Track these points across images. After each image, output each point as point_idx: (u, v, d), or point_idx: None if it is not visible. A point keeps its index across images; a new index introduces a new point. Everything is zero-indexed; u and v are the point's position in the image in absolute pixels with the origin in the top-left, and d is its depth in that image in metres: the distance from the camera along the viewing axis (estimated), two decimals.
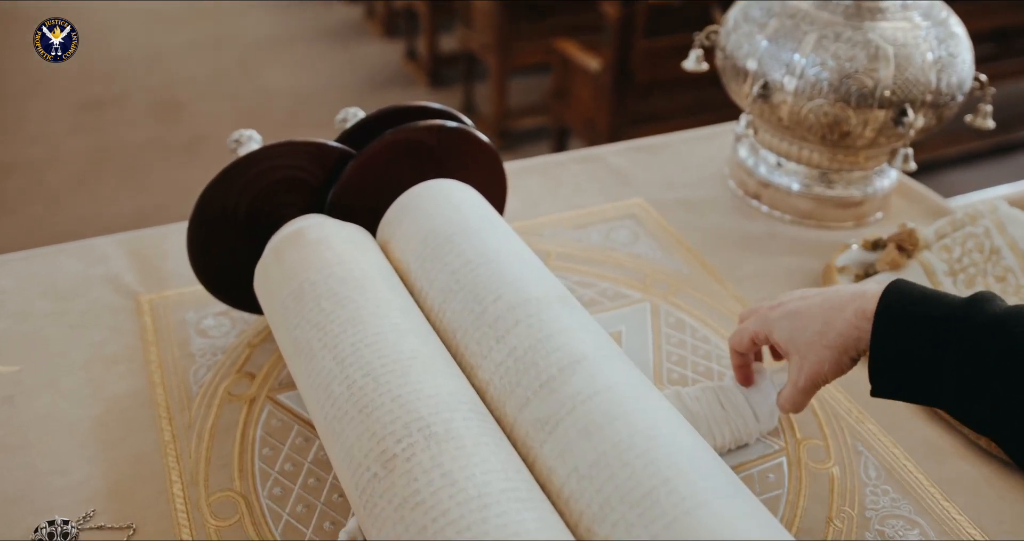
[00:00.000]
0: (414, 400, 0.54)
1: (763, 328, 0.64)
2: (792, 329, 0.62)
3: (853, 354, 0.60)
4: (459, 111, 0.77)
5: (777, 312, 0.63)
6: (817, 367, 0.60)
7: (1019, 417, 0.52)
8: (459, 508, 0.48)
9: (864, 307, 0.58)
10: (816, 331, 0.60)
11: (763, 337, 0.64)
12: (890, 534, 0.63)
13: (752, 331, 0.65)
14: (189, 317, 0.81)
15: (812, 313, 0.61)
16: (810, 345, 0.60)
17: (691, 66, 0.99)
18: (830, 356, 0.60)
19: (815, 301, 0.61)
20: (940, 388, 0.55)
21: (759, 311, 0.65)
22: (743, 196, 1.01)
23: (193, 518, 0.63)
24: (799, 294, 0.64)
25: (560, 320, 0.59)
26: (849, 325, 0.59)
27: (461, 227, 0.67)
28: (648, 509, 0.47)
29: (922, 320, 0.55)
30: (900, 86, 0.83)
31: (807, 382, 0.61)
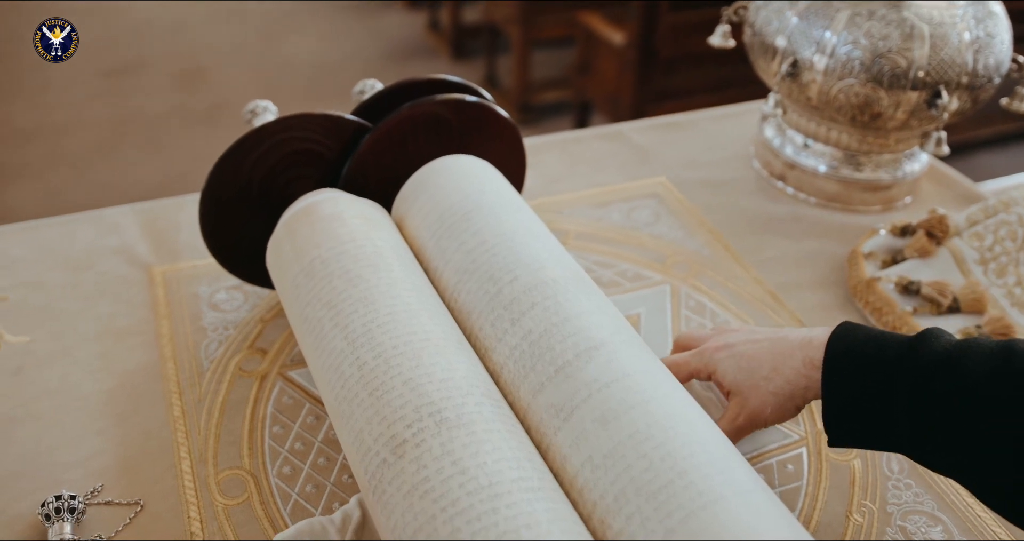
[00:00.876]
0: (425, 383, 0.52)
1: (706, 367, 0.62)
2: (737, 370, 0.60)
3: (799, 402, 0.59)
4: (480, 84, 0.75)
5: (723, 353, 0.61)
6: (759, 409, 0.59)
7: (975, 456, 0.50)
8: (469, 497, 0.46)
9: (812, 356, 0.57)
10: (763, 376, 0.59)
11: (705, 376, 0.63)
12: (912, 530, 0.61)
13: (693, 368, 0.63)
14: (202, 291, 0.80)
15: (760, 357, 0.59)
16: (754, 389, 0.59)
17: (717, 42, 0.96)
18: (774, 402, 0.59)
19: (763, 346, 0.60)
20: (896, 432, 0.53)
21: (703, 349, 0.63)
22: (768, 177, 0.98)
23: (201, 496, 0.62)
24: (746, 335, 0.62)
25: (577, 303, 0.57)
26: (797, 373, 0.57)
27: (478, 205, 0.65)
28: (664, 502, 0.46)
29: (871, 365, 0.54)
30: (935, 67, 0.81)
31: (745, 422, 0.60)
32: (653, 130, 1.08)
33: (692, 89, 2.48)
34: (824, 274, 0.84)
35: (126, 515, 0.61)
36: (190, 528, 0.60)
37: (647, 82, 2.44)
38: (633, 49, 2.37)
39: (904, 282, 0.77)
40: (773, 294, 0.81)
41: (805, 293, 0.82)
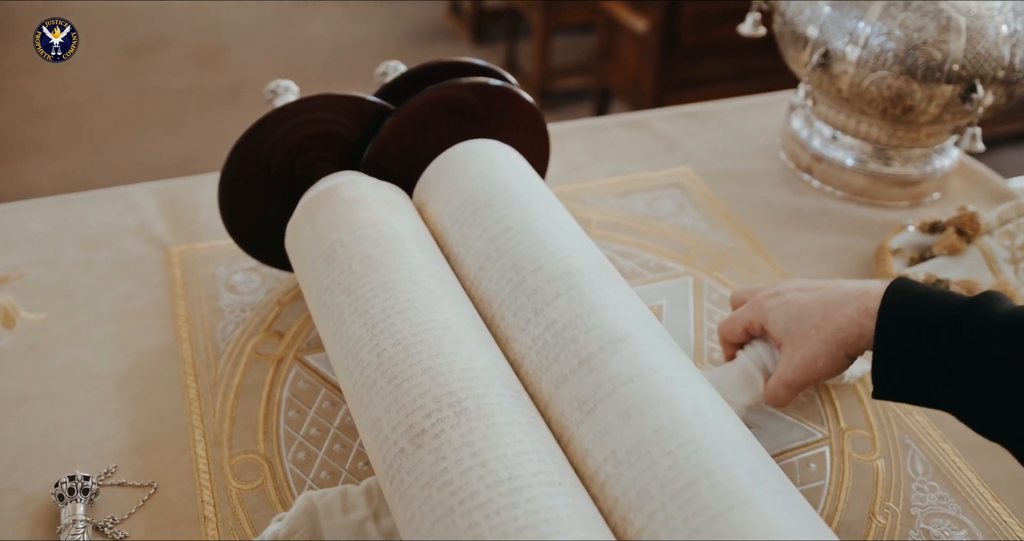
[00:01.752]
0: (445, 373, 0.51)
1: (758, 317, 0.61)
2: (788, 319, 0.59)
3: (851, 351, 0.57)
4: (501, 68, 0.74)
5: (774, 301, 0.60)
6: (810, 361, 0.58)
7: None
8: (488, 491, 0.45)
9: (868, 305, 0.56)
10: (814, 324, 0.58)
11: (758, 326, 0.62)
12: (935, 534, 0.60)
13: (746, 320, 0.62)
14: (219, 272, 0.79)
15: (811, 305, 0.58)
16: (805, 337, 0.58)
17: (747, 30, 0.95)
18: (826, 350, 0.57)
19: (815, 294, 0.59)
20: (947, 391, 0.53)
21: (754, 299, 0.62)
22: (794, 169, 0.97)
23: (215, 480, 0.61)
24: (797, 284, 0.61)
25: (602, 295, 0.56)
26: (851, 321, 0.56)
27: (502, 191, 0.64)
28: (689, 501, 0.45)
29: (928, 319, 0.53)
30: (971, 60, 0.79)
31: (796, 375, 0.58)
32: (677, 119, 1.06)
33: (713, 78, 2.46)
34: (849, 269, 0.83)
35: (139, 497, 0.60)
36: (203, 512, 0.59)
37: (669, 70, 2.42)
38: (655, 36, 2.34)
39: (932, 280, 0.76)
40: None
41: None
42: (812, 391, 0.70)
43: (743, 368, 0.62)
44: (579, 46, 3.15)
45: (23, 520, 0.58)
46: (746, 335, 0.63)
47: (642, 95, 2.44)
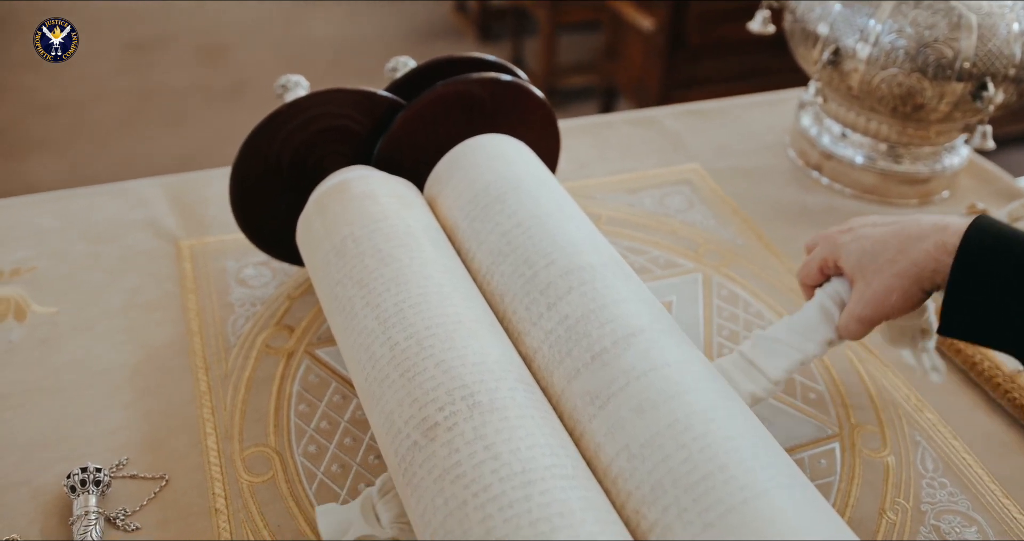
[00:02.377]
0: (458, 366, 0.51)
1: (831, 253, 0.60)
2: (862, 253, 0.58)
3: (927, 286, 0.56)
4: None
5: (847, 236, 0.60)
6: (883, 296, 0.57)
7: None
8: (501, 484, 0.45)
9: (946, 240, 0.55)
10: (888, 259, 0.57)
11: (831, 263, 0.61)
12: (946, 530, 0.60)
13: (820, 259, 0.61)
14: (229, 265, 0.79)
15: (886, 240, 0.57)
16: (879, 272, 0.57)
17: (757, 28, 0.95)
18: (899, 285, 0.56)
19: (891, 229, 0.58)
20: (1016, 333, 0.52)
21: (827, 236, 0.62)
22: (803, 167, 0.97)
23: (226, 472, 0.61)
24: (872, 220, 0.61)
25: (615, 290, 0.56)
26: (927, 256, 0.55)
27: (514, 185, 0.64)
28: (703, 495, 0.45)
29: (1008, 259, 0.52)
30: (982, 58, 0.79)
31: (868, 309, 0.58)
32: (686, 116, 1.06)
33: (719, 77, 2.46)
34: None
35: (151, 489, 0.60)
36: (214, 504, 0.59)
37: (674, 69, 2.41)
38: (661, 35, 2.34)
39: None
40: None
41: None
42: (822, 388, 0.70)
43: (820, 306, 0.62)
44: (585, 44, 3.15)
45: (35, 512, 0.58)
46: (822, 275, 0.62)
47: (648, 94, 2.44)
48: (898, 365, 0.72)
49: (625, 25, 2.50)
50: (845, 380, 0.71)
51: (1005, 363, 0.70)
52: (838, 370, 0.71)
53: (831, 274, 0.63)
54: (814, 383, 0.70)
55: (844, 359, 0.72)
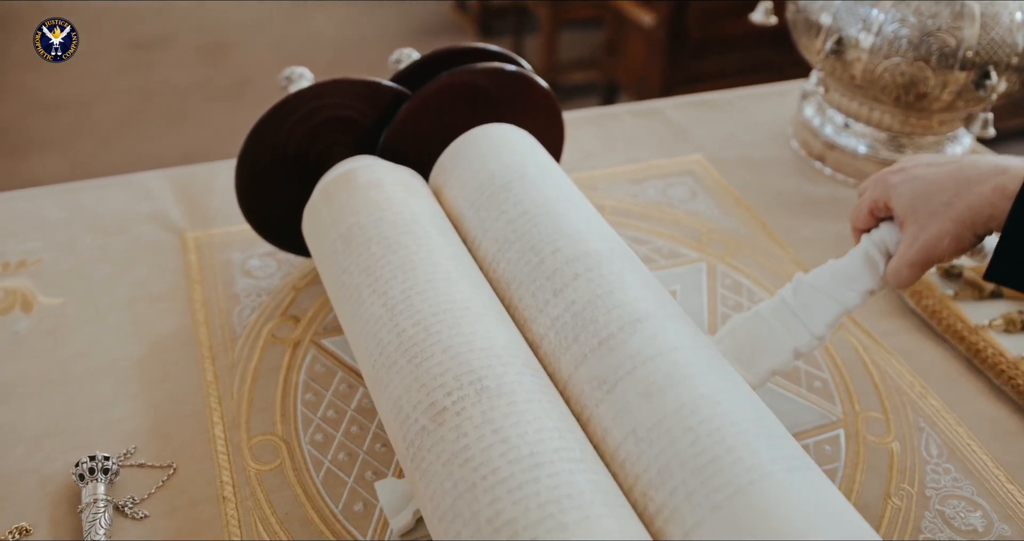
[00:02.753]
0: (466, 352, 0.52)
1: (883, 194, 0.59)
2: (915, 195, 0.56)
3: (980, 231, 0.55)
4: None
5: (899, 176, 0.58)
6: (936, 240, 0.55)
7: None
8: (510, 466, 0.46)
9: (1006, 184, 0.53)
10: (943, 202, 0.55)
11: (882, 205, 0.59)
12: (950, 515, 0.60)
13: (871, 200, 0.59)
14: (235, 257, 0.79)
15: (942, 182, 0.55)
16: (933, 215, 0.55)
17: (759, 19, 0.95)
18: (953, 230, 0.55)
19: (946, 169, 0.56)
20: None
21: (879, 176, 0.60)
22: (806, 157, 0.97)
23: (234, 460, 0.62)
24: (926, 160, 0.58)
25: (621, 276, 0.56)
26: (984, 200, 0.54)
27: (519, 174, 0.64)
28: (711, 477, 0.45)
29: None
30: (984, 47, 0.79)
31: (919, 254, 0.56)
32: (689, 108, 1.06)
33: (721, 73, 2.46)
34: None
35: (159, 478, 0.61)
36: (222, 492, 0.60)
37: (676, 64, 2.42)
38: (663, 31, 2.35)
39: (945, 266, 0.76)
40: None
41: None
42: (827, 376, 0.70)
43: (865, 253, 0.60)
44: (586, 41, 3.15)
45: (44, 500, 0.59)
46: (872, 218, 0.61)
47: (649, 89, 2.44)
48: (902, 352, 0.73)
49: (626, 21, 2.51)
50: (849, 368, 0.71)
51: (1009, 350, 0.70)
52: (842, 358, 0.72)
53: (881, 217, 0.61)
54: (819, 371, 0.70)
55: (848, 347, 0.73)
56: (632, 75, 2.57)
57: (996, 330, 0.72)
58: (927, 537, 0.59)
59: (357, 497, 0.59)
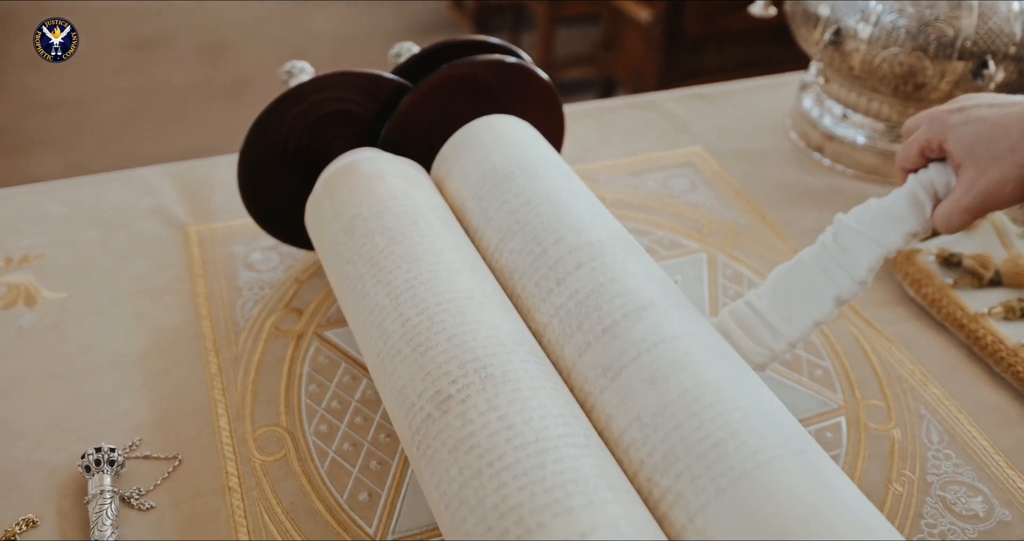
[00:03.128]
0: (470, 340, 0.52)
1: (938, 134, 0.55)
2: (975, 137, 0.53)
3: None
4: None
5: (959, 117, 0.54)
6: (997, 185, 0.52)
7: None
8: (515, 452, 0.46)
9: None
10: (1008, 146, 0.52)
11: (936, 145, 0.56)
12: (952, 500, 0.60)
13: (924, 139, 0.56)
14: (237, 250, 0.80)
15: (1008, 124, 0.52)
16: (996, 159, 0.52)
17: (758, 11, 0.95)
18: (1017, 175, 0.51)
19: (1012, 111, 0.53)
20: None
21: (934, 114, 0.56)
22: (805, 148, 0.97)
23: (239, 451, 0.62)
24: (987, 99, 0.55)
25: (624, 265, 0.57)
26: None
27: (521, 165, 0.65)
28: (716, 461, 0.45)
29: None
30: (982, 36, 0.79)
31: (976, 200, 0.53)
32: (687, 100, 1.06)
33: (719, 68, 2.46)
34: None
35: (164, 469, 0.61)
36: (228, 483, 0.60)
37: (673, 60, 2.42)
38: (659, 27, 2.35)
39: (945, 254, 0.76)
40: None
41: None
42: (828, 365, 0.70)
43: (911, 194, 0.58)
44: (583, 37, 3.16)
45: (50, 492, 0.59)
46: (922, 159, 0.58)
47: (646, 85, 2.44)
48: (902, 341, 0.73)
49: (623, 17, 2.51)
50: (850, 356, 0.71)
51: (1008, 337, 0.70)
52: (843, 346, 0.72)
53: (933, 157, 0.58)
54: (819, 360, 0.71)
55: (848, 335, 0.73)
56: (629, 71, 2.57)
57: (995, 318, 0.72)
58: (929, 522, 0.59)
59: (362, 487, 0.60)
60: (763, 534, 0.42)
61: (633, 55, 2.53)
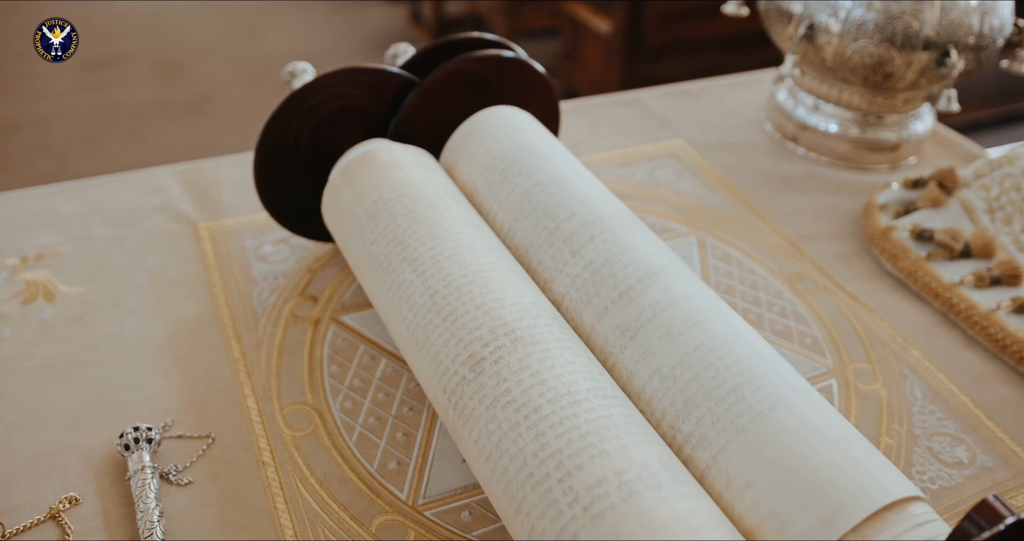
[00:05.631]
0: (497, 307, 0.56)
1: None
2: None
3: None
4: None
5: None
6: None
7: None
8: (550, 405, 0.50)
9: None
10: None
11: None
12: (938, 450, 0.65)
13: None
14: (248, 244, 0.82)
15: None
16: None
17: (731, 11, 1.01)
18: None
19: None
20: None
21: None
22: (780, 139, 1.03)
23: (268, 428, 0.65)
24: None
25: (633, 236, 0.61)
26: None
27: (528, 150, 0.69)
28: (734, 404, 0.49)
29: None
30: (944, 28, 0.85)
31: None
32: (667, 97, 1.12)
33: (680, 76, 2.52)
34: (840, 226, 0.89)
35: (198, 447, 0.63)
36: (261, 458, 0.63)
37: (633, 69, 2.49)
38: (619, 37, 2.42)
39: (918, 230, 0.82)
40: (794, 244, 0.86)
41: (824, 243, 0.86)
42: (816, 333, 0.75)
43: None
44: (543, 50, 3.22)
45: (88, 472, 0.61)
46: None
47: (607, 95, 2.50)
48: (883, 310, 0.78)
49: (583, 29, 2.57)
50: (836, 325, 0.76)
51: (981, 303, 0.76)
52: (829, 316, 0.77)
53: None
54: (809, 329, 0.75)
55: (833, 307, 0.78)
56: (590, 81, 2.63)
57: (968, 286, 0.78)
58: (919, 470, 0.64)
59: (391, 457, 0.63)
60: (782, 464, 0.47)
61: (594, 66, 2.60)
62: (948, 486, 0.63)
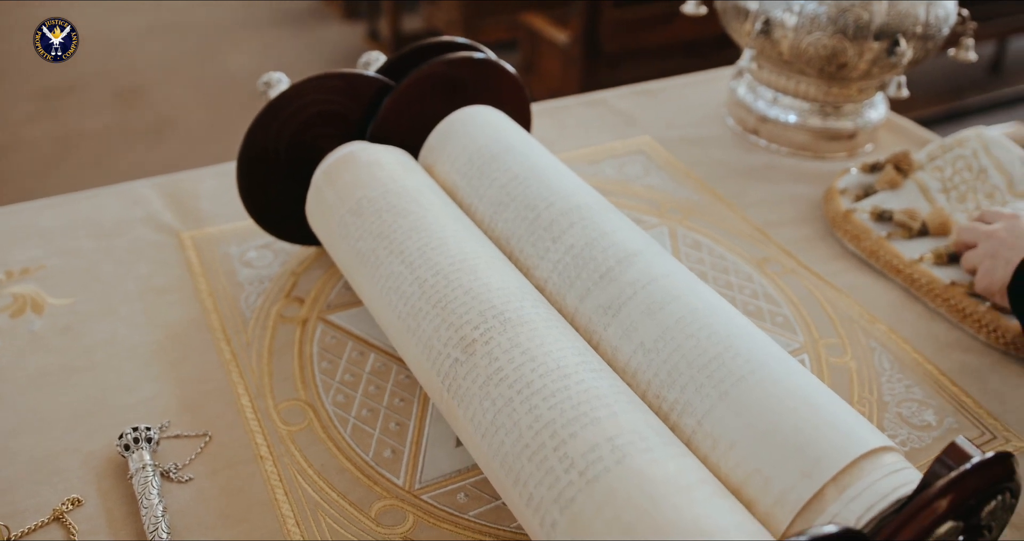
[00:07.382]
0: (485, 292, 0.58)
1: None
2: None
3: None
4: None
5: None
6: None
7: None
8: (542, 379, 0.52)
9: None
10: None
11: None
12: (907, 415, 0.69)
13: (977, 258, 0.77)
14: (232, 251, 0.84)
15: None
16: None
17: (690, 10, 1.04)
18: None
19: None
20: None
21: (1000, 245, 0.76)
22: (742, 132, 1.06)
23: (264, 424, 0.66)
24: None
25: (612, 221, 0.64)
26: None
27: (505, 146, 0.71)
28: (715, 371, 0.52)
29: None
30: (893, 18, 0.90)
31: None
32: (632, 96, 1.15)
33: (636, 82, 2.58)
34: (804, 212, 0.93)
35: (196, 445, 0.65)
36: (259, 452, 0.64)
37: (592, 77, 2.53)
38: (577, 46, 2.46)
39: (878, 211, 0.86)
40: (761, 230, 0.89)
41: (789, 229, 0.90)
42: (787, 312, 0.78)
43: None
44: None
45: (89, 474, 0.62)
46: None
47: None
48: (849, 288, 0.82)
49: (541, 40, 2.61)
50: (805, 304, 0.79)
51: (941, 278, 0.79)
52: (798, 296, 0.80)
53: None
54: (779, 308, 0.79)
55: (801, 287, 0.81)
56: (549, 90, 2.67)
57: (927, 263, 0.81)
58: (891, 433, 0.67)
59: (385, 445, 0.65)
60: (764, 424, 0.49)
61: (552, 75, 2.64)
62: (919, 447, 0.66)
